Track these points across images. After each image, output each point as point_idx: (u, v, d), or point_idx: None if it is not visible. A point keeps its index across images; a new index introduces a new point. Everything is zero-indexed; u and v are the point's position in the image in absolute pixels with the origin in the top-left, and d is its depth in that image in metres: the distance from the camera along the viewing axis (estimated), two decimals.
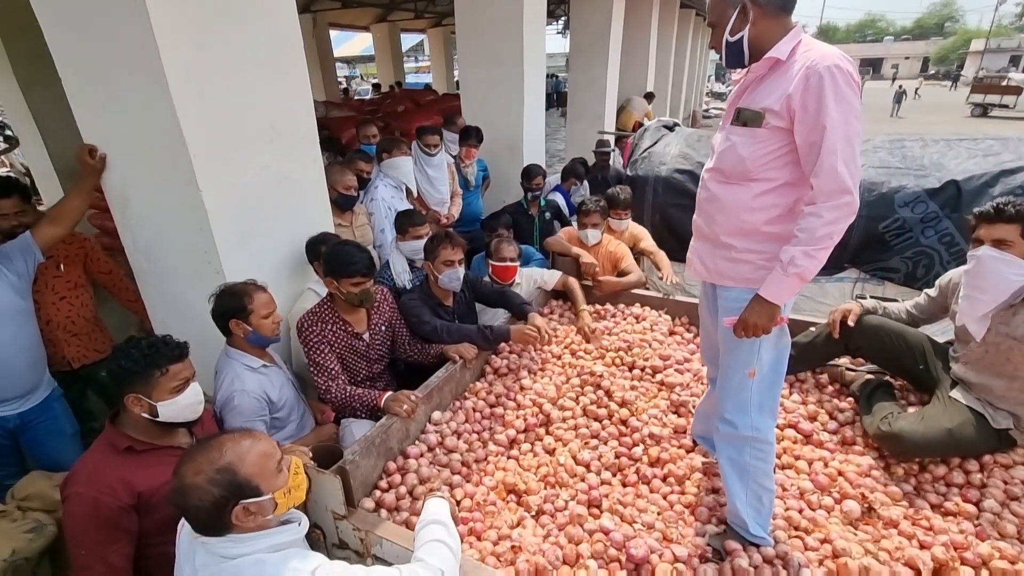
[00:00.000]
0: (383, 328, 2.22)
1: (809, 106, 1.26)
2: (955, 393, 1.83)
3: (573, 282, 2.74)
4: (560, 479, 1.77)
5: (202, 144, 1.89)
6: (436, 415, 1.98)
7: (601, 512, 1.66)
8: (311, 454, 1.39)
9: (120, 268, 2.56)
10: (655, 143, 3.78)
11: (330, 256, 2.02)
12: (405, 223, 2.64)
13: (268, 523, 1.10)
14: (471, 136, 3.88)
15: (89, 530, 1.32)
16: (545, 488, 1.76)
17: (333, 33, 13.23)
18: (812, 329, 2.21)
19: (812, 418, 2.02)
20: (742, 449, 1.55)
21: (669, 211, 3.52)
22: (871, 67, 45.45)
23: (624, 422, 2.01)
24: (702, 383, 2.20)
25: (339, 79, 15.95)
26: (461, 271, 2.34)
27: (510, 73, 4.60)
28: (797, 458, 1.85)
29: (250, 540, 1.07)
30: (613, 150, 4.96)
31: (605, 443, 1.94)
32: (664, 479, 1.81)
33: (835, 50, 1.30)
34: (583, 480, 1.78)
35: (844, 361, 2.25)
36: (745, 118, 1.38)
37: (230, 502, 1.04)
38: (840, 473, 1.77)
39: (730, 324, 1.48)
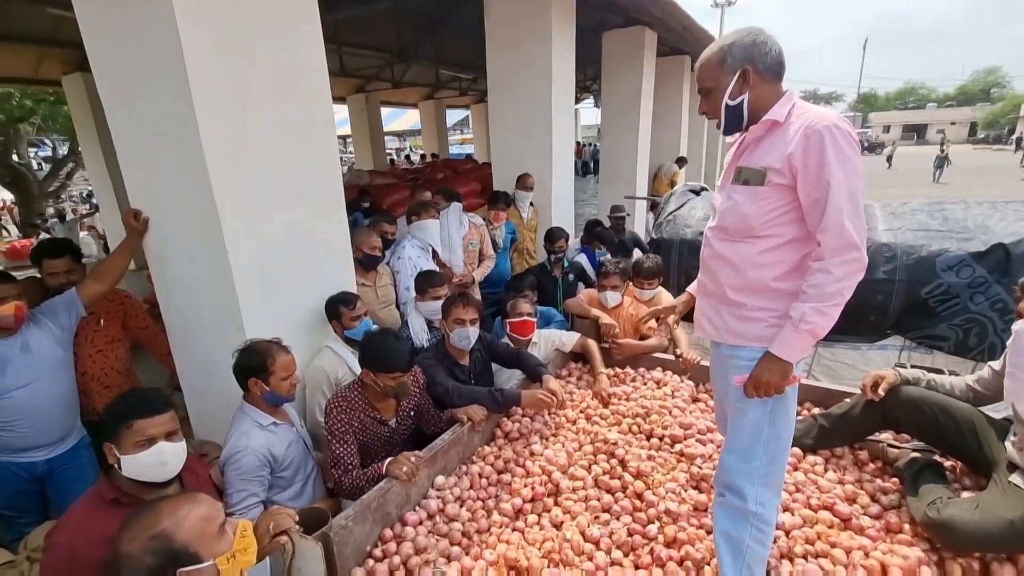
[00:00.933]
0: (411, 413, 2.18)
1: (810, 164, 1.27)
2: (1016, 478, 1.61)
3: (592, 344, 2.68)
4: (566, 557, 1.64)
5: (231, 208, 2.02)
6: (440, 480, 1.91)
7: None
8: (297, 517, 1.34)
9: (157, 324, 2.70)
10: (680, 207, 3.77)
11: (369, 348, 1.96)
12: (424, 284, 2.69)
13: None
14: (499, 200, 4.00)
15: None
16: (549, 566, 1.63)
17: (385, 110, 14.29)
18: (848, 400, 2.05)
19: (851, 500, 1.82)
20: (742, 526, 1.44)
21: (695, 274, 3.43)
22: (915, 132, 44.93)
23: (639, 496, 1.88)
24: None
25: (389, 151, 17.06)
26: (472, 331, 2.33)
27: (539, 144, 4.81)
28: (833, 545, 1.65)
29: None
30: (628, 214, 5.02)
31: (617, 518, 1.80)
32: (680, 562, 1.65)
33: (832, 111, 1.33)
34: (591, 559, 1.64)
35: (886, 436, 2.05)
36: (746, 176, 1.39)
37: (167, 570, 0.99)
38: (884, 567, 1.56)
39: (740, 382, 1.42)
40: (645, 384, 2.54)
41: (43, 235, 8.56)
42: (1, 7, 5.06)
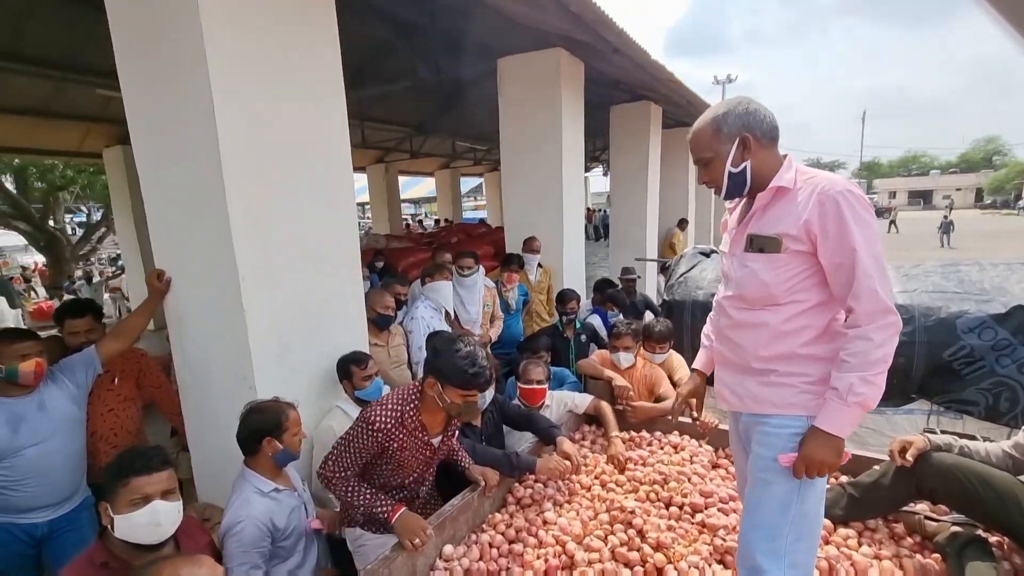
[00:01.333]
0: (456, 435, 2.08)
1: (830, 230, 1.27)
2: None
3: (605, 406, 2.62)
4: None
5: (251, 269, 2.08)
6: (448, 549, 1.82)
7: None
8: None
9: (170, 384, 2.70)
10: (691, 268, 3.80)
11: (448, 357, 1.70)
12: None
13: None
14: (512, 262, 4.07)
15: None
16: None
17: (402, 179, 14.94)
18: (876, 468, 1.95)
19: None
20: None
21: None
22: (921, 198, 45.68)
23: (660, 570, 1.76)
24: None
25: (405, 216, 17.68)
26: (487, 393, 2.29)
27: (551, 209, 4.97)
28: None
29: None
30: (639, 276, 5.06)
31: None
32: None
33: (838, 176, 1.35)
34: None
35: (922, 508, 1.93)
36: (761, 244, 1.38)
37: None
38: None
39: (788, 463, 1.34)
40: (662, 448, 2.45)
41: (66, 296, 8.84)
42: (58, 88, 5.51)
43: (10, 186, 9.73)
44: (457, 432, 2.09)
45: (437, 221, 16.36)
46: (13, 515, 2.01)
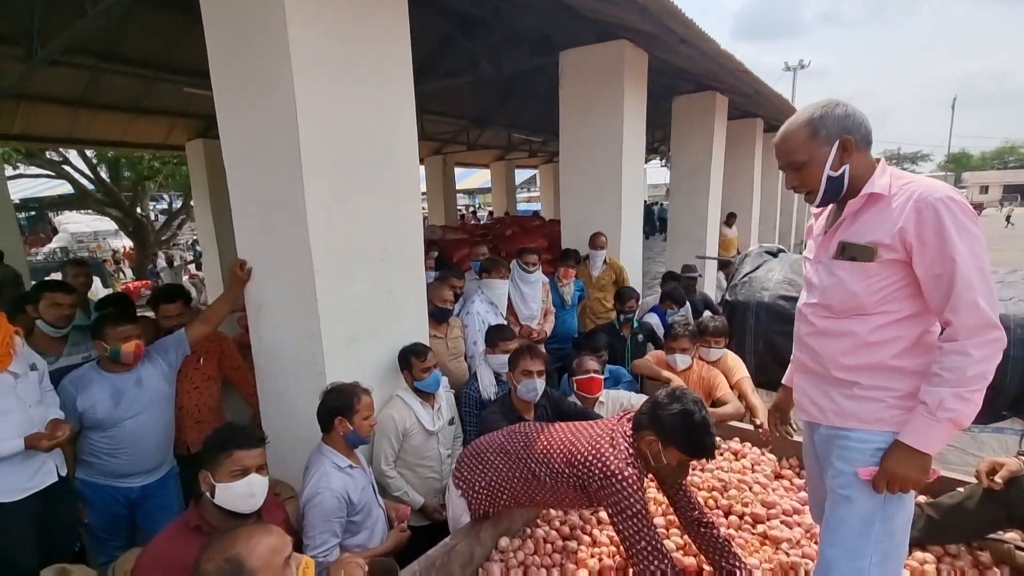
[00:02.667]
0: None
1: (928, 240, 1.20)
2: None
3: None
4: None
5: (324, 261, 2.19)
6: (503, 542, 1.86)
7: None
8: (366, 568, 1.35)
9: (247, 365, 2.90)
10: (756, 268, 3.65)
11: (680, 419, 1.55)
12: (495, 337, 2.74)
13: None
14: (569, 257, 4.06)
15: None
16: None
17: (458, 170, 15.15)
18: (961, 489, 1.83)
19: None
20: None
21: (775, 339, 3.27)
22: (1018, 194, 41.38)
23: None
24: (815, 543, 1.85)
25: (460, 208, 17.93)
26: (539, 383, 2.32)
27: (609, 205, 4.89)
28: None
29: None
30: (700, 275, 4.89)
31: None
32: None
33: (939, 182, 1.26)
34: None
35: (1012, 536, 1.79)
36: (853, 253, 1.31)
37: None
38: None
39: (868, 476, 1.29)
40: (721, 455, 2.39)
41: (159, 279, 9.60)
42: (149, 86, 5.97)
43: (104, 176, 10.63)
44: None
45: (491, 213, 16.46)
46: (112, 479, 2.24)
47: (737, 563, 1.67)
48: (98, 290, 8.14)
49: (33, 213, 19.05)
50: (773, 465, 2.29)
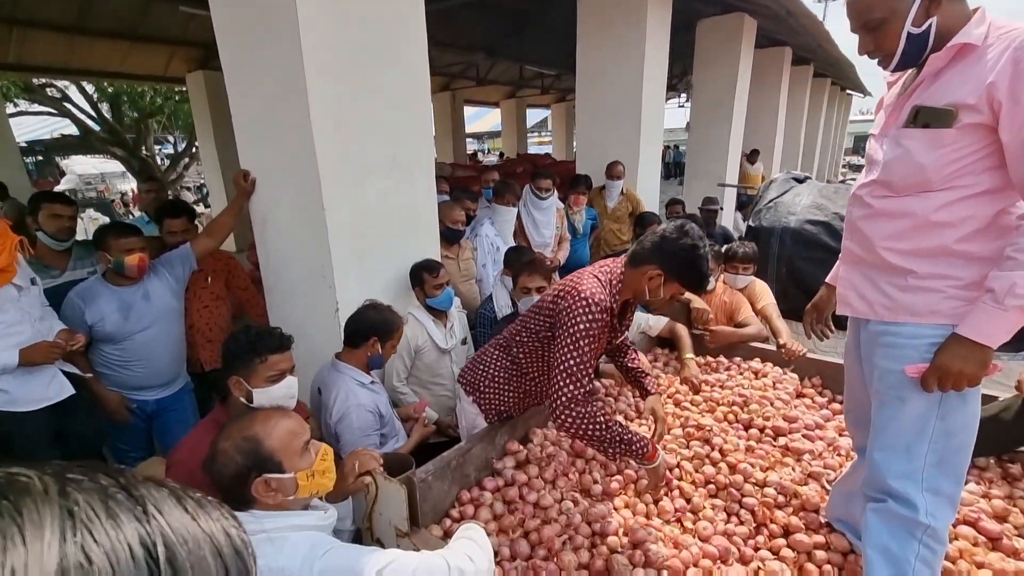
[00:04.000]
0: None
1: (1021, 96, 1.01)
2: None
3: (681, 329, 2.50)
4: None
5: (331, 169, 2.07)
6: (513, 446, 1.83)
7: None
8: (381, 460, 1.32)
9: (255, 288, 2.86)
10: (783, 194, 3.48)
11: (688, 253, 1.49)
12: (513, 258, 2.66)
13: (289, 504, 1.09)
14: (580, 184, 3.90)
15: None
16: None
17: (467, 112, 14.65)
18: (997, 402, 1.75)
19: (1001, 518, 1.54)
20: (907, 541, 1.18)
21: (799, 264, 3.15)
22: None
23: (739, 489, 1.69)
24: (839, 455, 1.81)
25: (469, 152, 17.51)
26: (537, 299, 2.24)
27: (627, 133, 4.66)
28: (980, 566, 1.39)
29: (270, 518, 1.06)
30: (722, 208, 4.69)
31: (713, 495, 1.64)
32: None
33: None
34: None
35: None
36: (928, 118, 1.13)
37: (251, 472, 1.05)
38: None
39: (916, 374, 1.16)
40: (742, 374, 2.33)
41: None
42: (142, 8, 5.67)
43: (106, 113, 10.39)
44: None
45: (501, 155, 16.06)
46: (128, 391, 2.25)
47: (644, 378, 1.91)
48: None
49: (40, 158, 18.91)
50: (795, 384, 2.23)
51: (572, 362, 1.46)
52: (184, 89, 8.11)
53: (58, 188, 16.31)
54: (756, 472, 1.73)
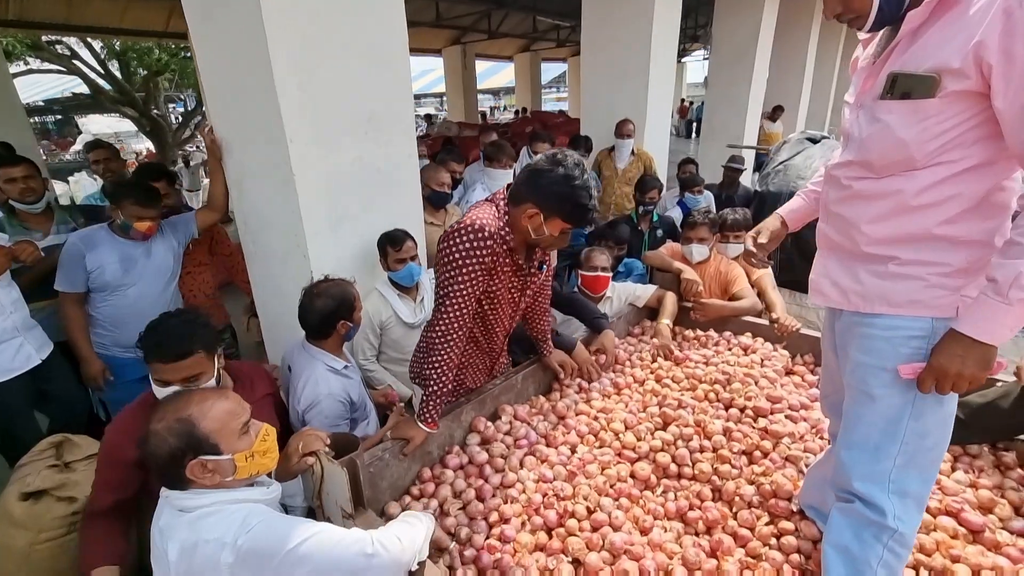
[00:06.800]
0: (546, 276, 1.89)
1: (1017, 53, 0.86)
2: None
3: (670, 297, 2.40)
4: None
5: (299, 131, 1.97)
6: (482, 424, 1.79)
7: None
8: (328, 440, 1.29)
9: (240, 254, 2.82)
10: (794, 156, 3.27)
11: (561, 185, 1.39)
12: None
13: (228, 484, 1.06)
14: (579, 145, 3.72)
15: (104, 468, 1.41)
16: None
17: (480, 66, 14.13)
18: (996, 387, 1.63)
19: (986, 509, 1.46)
20: (871, 545, 1.11)
21: (804, 233, 2.95)
22: None
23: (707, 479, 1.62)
24: (822, 437, 1.73)
25: (483, 109, 17.03)
26: None
27: (635, 91, 4.40)
28: (955, 560, 1.32)
29: (208, 494, 1.05)
30: (745, 169, 4.44)
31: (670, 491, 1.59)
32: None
33: None
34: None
35: None
36: (907, 87, 0.98)
37: (186, 454, 1.02)
38: None
39: (912, 375, 1.05)
40: (730, 349, 2.23)
41: (180, 178, 9.60)
42: None
43: (115, 71, 10.30)
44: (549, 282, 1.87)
45: (517, 112, 15.61)
46: (126, 350, 2.22)
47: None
48: None
49: (60, 117, 19.00)
50: (785, 361, 2.12)
51: (442, 327, 1.48)
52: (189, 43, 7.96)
53: (75, 147, 16.48)
54: (732, 456, 1.65)
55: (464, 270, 1.42)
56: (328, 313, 1.76)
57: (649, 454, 1.68)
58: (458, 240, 1.41)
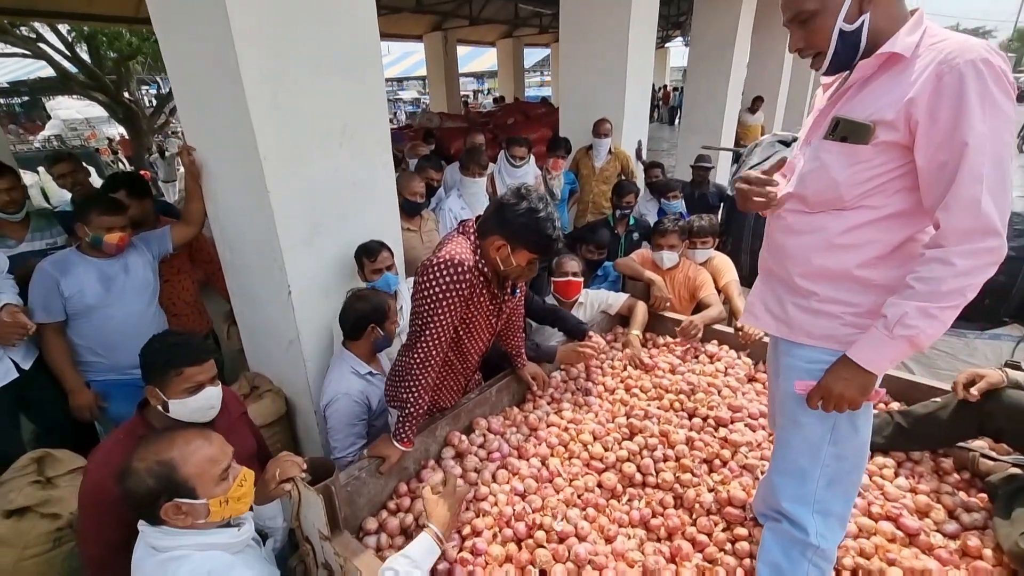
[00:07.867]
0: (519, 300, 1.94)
1: (940, 116, 0.94)
2: None
3: (640, 307, 2.48)
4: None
5: (272, 146, 1.97)
6: (456, 437, 1.86)
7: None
8: (305, 465, 1.34)
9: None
10: (765, 159, 3.35)
11: (526, 217, 1.46)
12: None
13: (200, 526, 1.10)
14: (559, 147, 3.75)
15: (88, 506, 1.37)
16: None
17: (462, 51, 13.93)
18: (937, 400, 1.75)
19: (923, 513, 1.58)
20: (798, 561, 1.23)
21: None
22: None
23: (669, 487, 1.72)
24: None
25: (466, 92, 16.80)
26: None
27: (612, 86, 4.42)
28: (891, 563, 1.43)
29: (179, 535, 1.09)
30: (713, 166, 4.53)
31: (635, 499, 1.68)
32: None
33: (980, 41, 0.96)
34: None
35: (980, 444, 1.74)
36: (845, 131, 1.06)
37: (161, 496, 1.06)
38: None
39: (803, 390, 1.17)
40: (696, 357, 2.32)
41: (155, 169, 9.38)
42: None
43: (84, 56, 9.95)
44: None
45: (496, 99, 15.45)
46: (122, 373, 2.21)
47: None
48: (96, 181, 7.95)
49: (27, 99, 18.27)
50: (748, 368, 2.23)
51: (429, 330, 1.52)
52: None
53: (44, 133, 15.93)
54: (693, 465, 1.75)
55: (444, 303, 1.49)
56: (362, 315, 1.92)
57: (616, 464, 1.77)
58: (437, 274, 1.47)
